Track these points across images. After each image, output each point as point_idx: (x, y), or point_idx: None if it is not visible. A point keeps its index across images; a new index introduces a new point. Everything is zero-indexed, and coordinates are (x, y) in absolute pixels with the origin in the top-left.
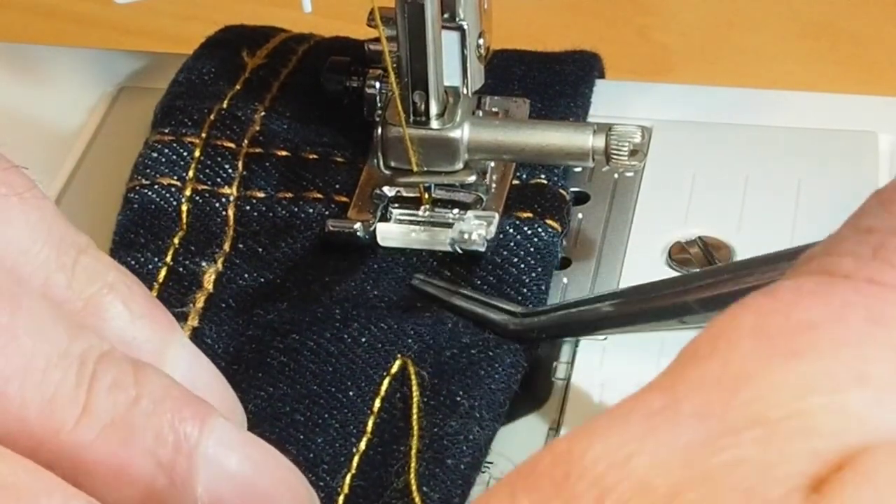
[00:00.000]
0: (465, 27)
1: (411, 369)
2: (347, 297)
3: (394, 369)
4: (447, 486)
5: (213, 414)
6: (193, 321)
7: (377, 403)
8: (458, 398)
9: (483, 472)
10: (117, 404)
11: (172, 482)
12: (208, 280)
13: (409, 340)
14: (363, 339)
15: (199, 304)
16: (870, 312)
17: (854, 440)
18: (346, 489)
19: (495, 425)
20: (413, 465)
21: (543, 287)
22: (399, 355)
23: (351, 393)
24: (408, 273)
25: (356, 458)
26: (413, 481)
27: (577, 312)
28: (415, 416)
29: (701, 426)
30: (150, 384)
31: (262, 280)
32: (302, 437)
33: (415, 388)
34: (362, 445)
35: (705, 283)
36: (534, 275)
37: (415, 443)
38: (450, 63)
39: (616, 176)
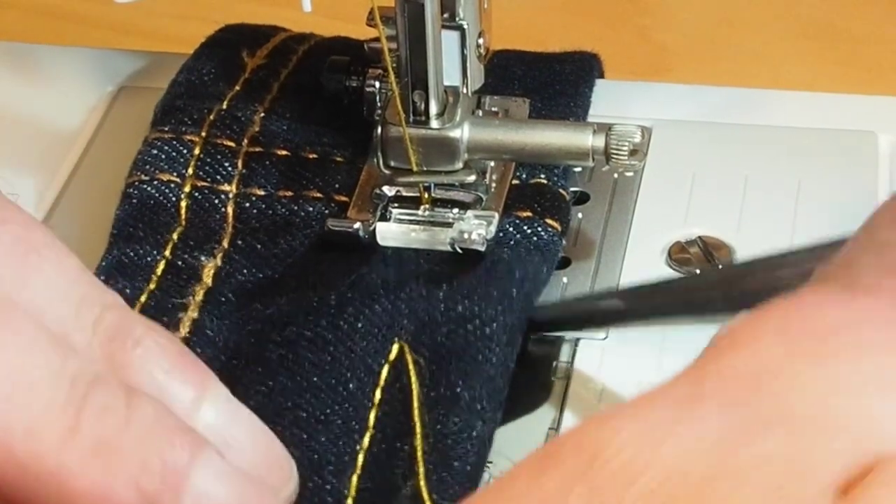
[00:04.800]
0: (465, 27)
1: (408, 357)
2: (343, 282)
3: (392, 356)
4: (456, 490)
5: (207, 446)
6: (193, 313)
7: (378, 394)
8: (458, 389)
9: (483, 472)
10: (106, 428)
11: None
12: (207, 274)
13: (405, 321)
14: (359, 325)
15: (199, 297)
16: (890, 322)
17: (877, 445)
18: (353, 491)
19: (497, 415)
20: (420, 468)
21: (543, 288)
22: (396, 339)
23: (351, 385)
24: (406, 262)
25: (360, 457)
26: (423, 487)
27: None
28: (416, 412)
29: (728, 417)
30: (142, 410)
31: (261, 275)
32: (305, 435)
33: (413, 381)
34: (366, 442)
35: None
36: None
37: (419, 442)
38: (449, 63)
39: (616, 176)
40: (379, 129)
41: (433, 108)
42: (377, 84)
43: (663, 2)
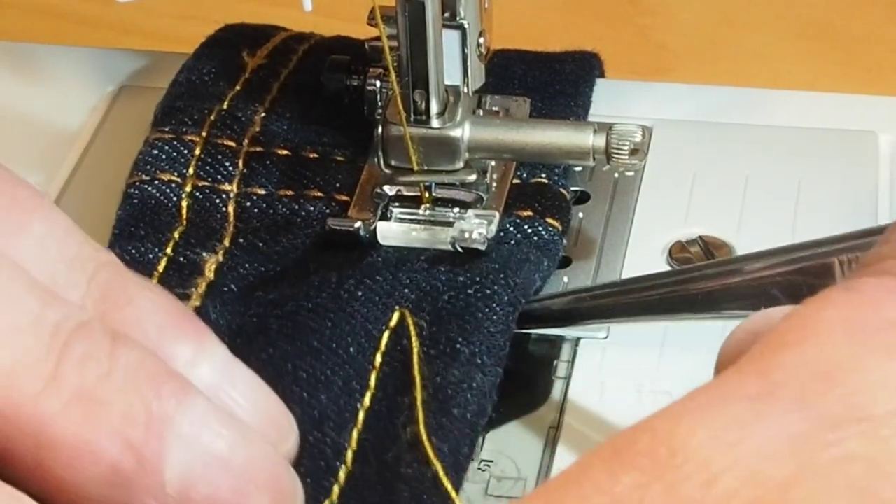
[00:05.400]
0: (466, 26)
1: (409, 320)
2: (344, 264)
3: (392, 322)
4: (455, 435)
5: (192, 391)
6: (196, 302)
7: (378, 358)
8: (458, 345)
9: (483, 471)
10: (87, 377)
11: (140, 465)
12: (209, 269)
13: (406, 290)
14: (360, 293)
15: (201, 288)
16: None
17: None
18: (353, 444)
19: (498, 370)
20: (420, 415)
21: (543, 286)
22: (397, 307)
23: (351, 349)
24: (408, 255)
25: (361, 414)
26: (422, 431)
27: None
28: (416, 367)
29: (804, 416)
30: (126, 358)
31: (263, 269)
32: (306, 394)
33: (414, 339)
34: (367, 401)
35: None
36: None
37: (419, 393)
38: (450, 62)
39: (616, 175)
40: (380, 129)
41: (434, 108)
42: (378, 83)
43: (663, 2)
